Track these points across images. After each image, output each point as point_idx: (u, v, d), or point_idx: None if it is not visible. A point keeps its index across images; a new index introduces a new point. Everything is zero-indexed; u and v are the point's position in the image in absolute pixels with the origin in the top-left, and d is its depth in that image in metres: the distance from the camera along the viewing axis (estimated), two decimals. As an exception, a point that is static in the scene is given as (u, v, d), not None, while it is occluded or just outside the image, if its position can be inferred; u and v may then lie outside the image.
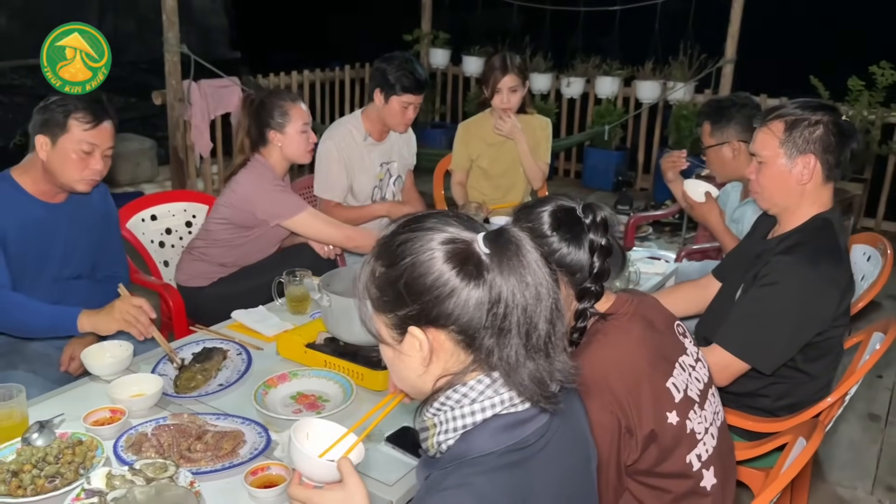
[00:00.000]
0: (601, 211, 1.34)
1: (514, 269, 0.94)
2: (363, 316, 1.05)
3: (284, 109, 2.62)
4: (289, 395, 1.83)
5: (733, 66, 5.65)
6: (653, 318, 1.42)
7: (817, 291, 1.81)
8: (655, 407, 1.32)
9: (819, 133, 1.84)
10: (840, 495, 2.60)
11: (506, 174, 3.45)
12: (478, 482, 0.94)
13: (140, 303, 1.96)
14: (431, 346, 0.99)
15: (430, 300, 0.96)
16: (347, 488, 1.09)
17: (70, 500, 1.40)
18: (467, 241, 0.96)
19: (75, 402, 1.76)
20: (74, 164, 2.10)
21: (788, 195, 1.90)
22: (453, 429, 0.99)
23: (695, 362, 1.47)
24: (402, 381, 1.07)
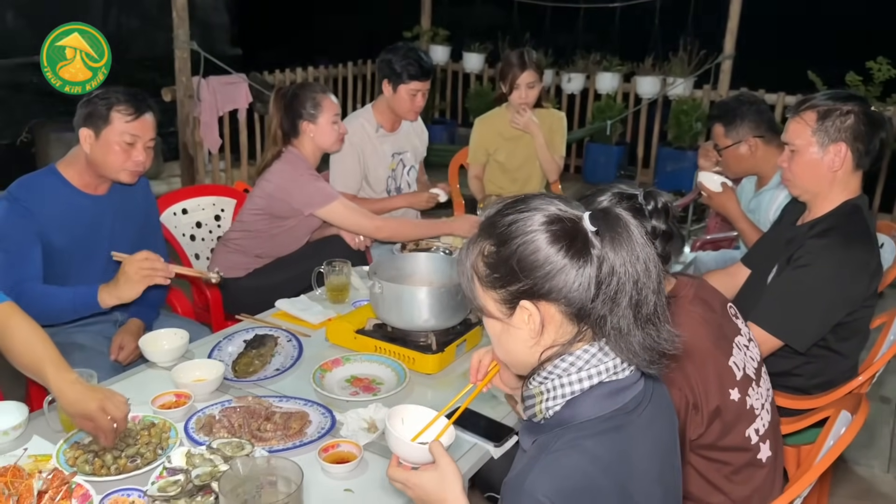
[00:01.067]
0: (661, 197, 1.41)
1: (624, 243, 1.00)
2: (468, 292, 1.11)
3: (317, 101, 2.68)
4: (344, 378, 1.89)
5: (732, 62, 5.76)
6: (710, 300, 1.50)
7: (850, 273, 1.90)
8: (720, 384, 1.40)
9: (850, 122, 1.93)
10: (859, 473, 2.70)
11: (522, 167, 3.52)
12: (587, 444, 1.00)
13: (146, 254, 1.97)
14: (543, 318, 1.05)
15: (542, 276, 1.02)
16: (440, 469, 1.16)
17: (154, 478, 1.45)
18: (574, 219, 1.02)
19: (136, 388, 1.81)
20: (118, 155, 2.14)
21: (820, 182, 1.99)
22: (561, 395, 1.06)
23: (748, 342, 1.54)
24: (508, 354, 1.12)
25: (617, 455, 1.01)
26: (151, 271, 1.94)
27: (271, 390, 1.83)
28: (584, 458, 0.99)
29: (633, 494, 1.01)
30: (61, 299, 2.05)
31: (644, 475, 1.04)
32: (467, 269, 1.09)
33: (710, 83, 5.91)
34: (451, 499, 1.14)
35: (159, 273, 1.95)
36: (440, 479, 1.15)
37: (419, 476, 1.17)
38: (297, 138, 2.72)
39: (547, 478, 0.97)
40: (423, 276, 2.14)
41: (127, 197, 2.32)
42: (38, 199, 2.11)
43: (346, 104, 6.42)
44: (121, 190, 2.29)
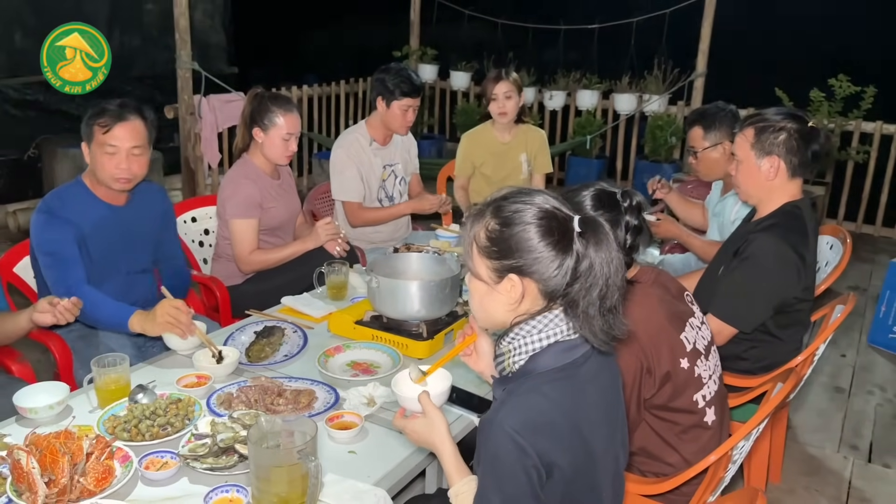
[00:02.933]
0: (636, 196, 1.67)
1: (604, 247, 1.24)
2: (466, 255, 1.34)
3: (275, 114, 2.86)
4: (345, 362, 2.13)
5: (704, 80, 6.08)
6: (668, 286, 1.77)
7: (784, 260, 2.17)
8: (671, 353, 1.66)
9: (782, 138, 2.21)
10: (811, 454, 2.96)
11: (506, 180, 3.78)
12: (545, 388, 1.26)
13: (178, 304, 2.10)
14: (524, 291, 1.29)
15: (531, 259, 1.26)
16: (428, 415, 1.44)
17: (184, 443, 1.68)
18: (567, 218, 1.26)
19: (161, 371, 2.05)
20: (103, 165, 2.30)
21: (759, 188, 2.27)
22: (525, 352, 1.31)
23: (700, 324, 1.81)
24: (485, 313, 1.36)
25: (569, 398, 1.26)
26: (175, 321, 2.07)
27: (281, 373, 2.07)
28: (544, 399, 1.24)
29: (581, 430, 1.26)
30: (104, 311, 2.21)
31: (592, 415, 1.29)
32: (469, 236, 1.32)
33: (683, 100, 6.22)
34: (437, 440, 1.41)
35: (181, 326, 2.07)
36: (428, 424, 1.43)
37: (413, 423, 1.45)
38: (252, 142, 2.95)
39: (514, 414, 1.22)
40: (415, 273, 2.39)
41: (146, 207, 2.51)
42: (72, 209, 2.32)
43: (339, 120, 6.69)
44: (140, 200, 2.49)
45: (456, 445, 1.43)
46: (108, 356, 1.88)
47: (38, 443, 1.56)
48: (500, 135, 3.73)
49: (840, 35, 7.84)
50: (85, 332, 2.39)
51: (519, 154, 3.74)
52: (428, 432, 1.43)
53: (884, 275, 4.84)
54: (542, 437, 1.22)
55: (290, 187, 3.12)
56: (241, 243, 2.86)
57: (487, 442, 1.24)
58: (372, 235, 3.47)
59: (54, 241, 2.27)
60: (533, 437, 1.21)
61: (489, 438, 1.23)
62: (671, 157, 6.24)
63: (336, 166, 3.37)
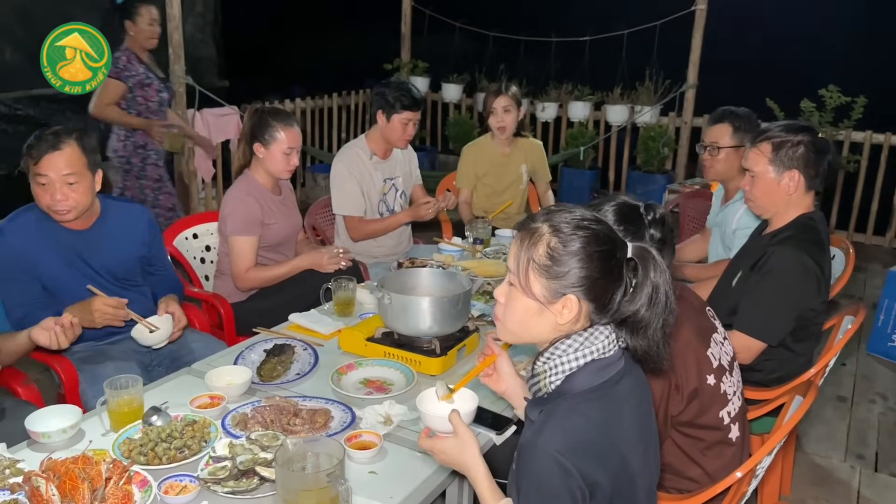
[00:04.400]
0: (659, 210, 1.67)
1: (662, 270, 1.26)
2: (516, 272, 1.30)
3: (275, 129, 2.86)
4: (358, 380, 2.11)
5: (695, 91, 6.13)
6: (692, 301, 1.76)
7: (805, 272, 2.19)
8: (698, 369, 1.65)
9: (801, 152, 2.23)
10: (818, 463, 2.97)
11: (507, 191, 3.79)
12: (584, 408, 1.25)
13: (113, 302, 2.19)
14: (579, 313, 1.28)
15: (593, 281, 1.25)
16: (459, 435, 1.41)
17: (202, 465, 1.65)
18: (626, 243, 1.27)
19: (174, 392, 2.01)
20: (38, 197, 2.23)
21: (777, 203, 2.28)
22: (562, 371, 1.30)
23: (723, 340, 1.80)
24: (525, 330, 1.34)
25: (608, 417, 1.25)
26: (112, 318, 2.20)
27: (294, 392, 2.04)
28: (584, 419, 1.23)
29: (620, 448, 1.25)
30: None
31: (629, 434, 1.28)
32: (524, 253, 1.29)
33: (675, 111, 6.27)
34: (469, 461, 1.38)
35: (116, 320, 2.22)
36: (460, 444, 1.39)
37: (442, 443, 1.42)
38: (253, 158, 2.94)
39: (556, 436, 1.22)
40: (425, 289, 2.37)
41: (120, 228, 2.44)
42: (22, 233, 2.25)
43: (332, 133, 6.68)
44: (112, 222, 2.42)
45: (486, 467, 1.41)
46: (120, 378, 1.84)
47: (56, 468, 1.53)
48: (501, 147, 3.75)
49: (830, 46, 7.96)
50: (90, 353, 2.35)
51: (519, 165, 3.76)
52: (459, 453, 1.40)
53: (877, 283, 4.91)
54: (585, 458, 1.21)
55: (291, 203, 3.11)
56: (239, 260, 2.84)
57: (530, 465, 1.23)
58: (374, 250, 3.45)
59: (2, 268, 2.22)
60: (577, 458, 1.20)
61: (532, 462, 1.22)
62: (663, 167, 6.28)
63: (336, 181, 3.36)
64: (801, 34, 8.05)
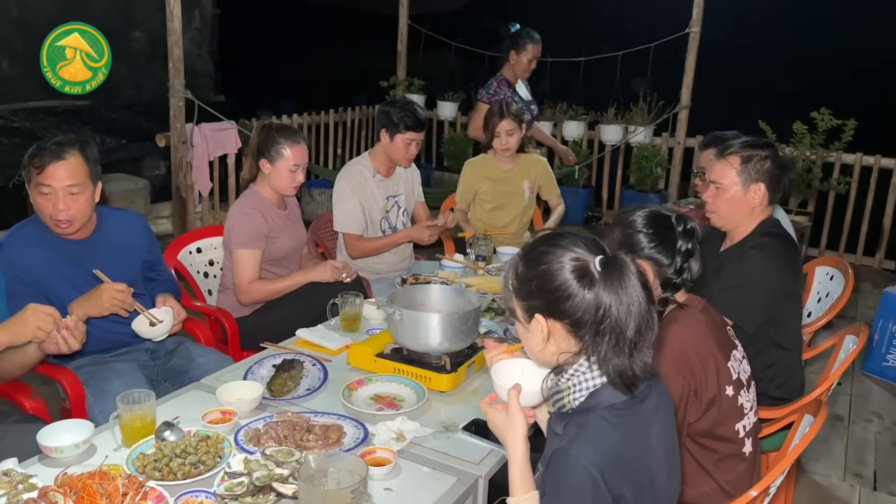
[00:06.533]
0: (692, 222, 1.69)
1: (615, 288, 1.27)
2: (506, 296, 1.40)
3: (281, 146, 2.88)
4: (368, 396, 2.11)
5: (688, 112, 6.21)
6: (714, 316, 1.79)
7: (783, 267, 2.27)
8: (719, 378, 1.68)
9: (767, 166, 2.32)
10: (818, 482, 2.99)
11: (507, 206, 3.82)
12: (615, 422, 1.27)
13: (121, 287, 2.20)
14: (549, 331, 1.33)
15: (553, 299, 1.30)
16: (510, 414, 1.45)
17: (218, 481, 1.64)
18: (587, 260, 1.29)
19: (185, 407, 2.01)
20: (40, 207, 2.23)
21: (740, 215, 2.37)
22: (585, 388, 1.33)
23: (741, 358, 1.83)
24: (528, 349, 1.42)
25: (637, 432, 1.28)
26: (120, 304, 2.20)
27: (305, 407, 2.04)
28: (616, 433, 1.26)
29: (648, 463, 1.27)
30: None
31: (656, 450, 1.30)
32: (507, 277, 1.38)
33: (668, 131, 6.34)
34: (510, 442, 1.42)
35: (124, 307, 2.22)
36: (506, 420, 1.44)
37: (495, 413, 1.47)
38: (259, 173, 2.95)
39: (590, 447, 1.24)
40: (434, 305, 2.38)
41: (119, 235, 2.44)
42: (20, 247, 2.25)
43: (328, 149, 6.70)
44: (109, 230, 2.42)
45: (528, 451, 1.43)
46: (133, 392, 1.83)
47: (72, 484, 1.52)
48: (503, 163, 3.78)
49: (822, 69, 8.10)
50: (95, 367, 2.34)
51: (521, 181, 3.79)
52: (504, 430, 1.45)
53: (868, 302, 4.98)
54: (614, 471, 1.24)
55: (296, 218, 3.12)
56: (242, 273, 2.84)
57: (561, 472, 1.25)
58: (376, 266, 3.46)
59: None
60: (608, 472, 1.23)
61: (563, 470, 1.24)
62: (656, 187, 6.35)
63: (338, 198, 3.37)
64: (793, 57, 8.20)
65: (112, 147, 6.04)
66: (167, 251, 2.94)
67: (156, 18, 5.65)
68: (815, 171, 5.60)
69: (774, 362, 2.36)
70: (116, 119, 6.01)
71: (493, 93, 4.51)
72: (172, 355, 2.51)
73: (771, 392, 2.35)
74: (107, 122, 5.98)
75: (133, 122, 6.12)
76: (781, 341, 2.35)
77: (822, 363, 2.47)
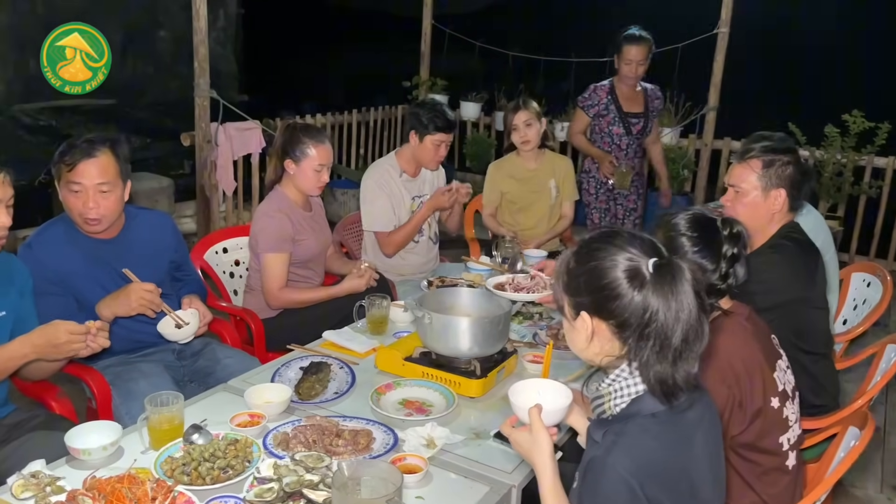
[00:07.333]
0: (738, 226, 1.63)
1: (665, 293, 1.22)
2: (555, 290, 1.37)
3: (306, 145, 2.85)
4: (397, 400, 2.07)
5: (716, 113, 6.11)
6: (759, 324, 1.73)
7: (808, 272, 2.22)
8: (764, 390, 1.62)
9: (790, 171, 2.24)
10: (855, 495, 2.91)
11: (534, 206, 3.77)
12: (655, 431, 1.23)
13: (150, 287, 2.20)
14: (594, 330, 1.30)
15: (601, 297, 1.27)
16: (533, 433, 1.43)
17: (247, 487, 1.61)
18: (640, 261, 1.25)
19: (213, 409, 1.98)
20: (70, 205, 2.22)
21: (759, 220, 2.29)
22: (627, 394, 1.29)
23: (786, 368, 1.77)
24: (571, 344, 1.39)
25: (679, 443, 1.23)
26: (148, 304, 2.19)
27: (333, 411, 2.00)
28: (656, 442, 1.21)
29: (691, 475, 1.23)
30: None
31: (699, 462, 1.25)
32: (558, 271, 1.35)
33: (695, 133, 6.24)
34: (537, 460, 1.40)
35: (152, 307, 2.21)
36: (531, 441, 1.42)
37: (519, 434, 1.45)
38: (283, 174, 2.92)
39: (627, 456, 1.20)
40: (464, 309, 2.34)
41: (146, 239, 2.43)
42: (48, 247, 2.25)
43: (350, 149, 6.68)
44: (137, 229, 2.41)
45: (556, 469, 1.40)
46: (161, 394, 1.81)
47: (101, 488, 1.50)
48: (527, 162, 3.74)
49: (855, 71, 7.95)
50: (121, 368, 2.32)
51: (548, 180, 3.74)
52: (528, 450, 1.43)
53: (901, 309, 4.85)
54: (653, 482, 1.19)
55: (321, 219, 3.09)
56: (272, 278, 2.81)
57: (598, 482, 1.21)
58: (401, 267, 3.42)
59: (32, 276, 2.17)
60: (645, 481, 1.19)
61: (599, 480, 1.21)
62: (683, 189, 6.25)
63: (366, 197, 3.34)
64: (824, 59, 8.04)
65: (136, 146, 6.07)
66: (193, 251, 2.93)
67: (181, 18, 5.67)
68: (847, 175, 5.49)
69: (805, 369, 2.29)
70: (141, 118, 6.03)
71: (588, 97, 4.28)
72: (199, 356, 2.49)
73: (806, 398, 2.28)
74: (132, 121, 6.01)
75: (157, 121, 6.14)
76: (808, 347, 2.27)
77: (859, 372, 2.39)
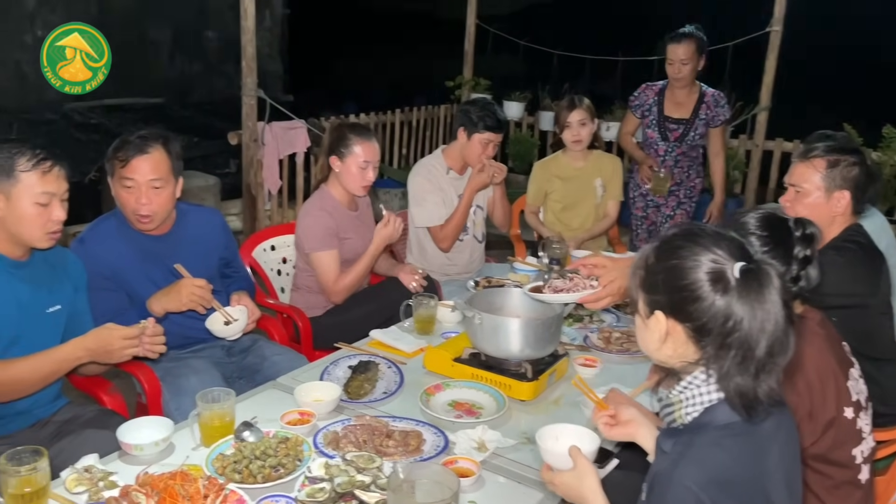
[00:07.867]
0: (811, 227, 1.56)
1: (751, 301, 1.15)
2: (631, 285, 1.30)
3: (351, 142, 2.84)
4: (446, 402, 2.03)
5: (768, 113, 5.95)
6: (831, 331, 1.65)
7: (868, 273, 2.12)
8: (837, 399, 1.54)
9: (855, 173, 2.14)
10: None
11: (578, 205, 3.71)
12: (726, 443, 1.16)
13: (201, 283, 2.20)
14: (668, 331, 1.23)
15: (679, 298, 1.20)
16: (578, 469, 1.37)
17: (299, 486, 1.59)
18: (726, 264, 1.18)
19: (263, 406, 1.97)
20: (122, 201, 2.21)
21: (819, 221, 2.15)
22: (699, 403, 1.22)
23: (858, 377, 1.68)
24: (642, 344, 1.33)
25: (752, 455, 1.16)
26: (199, 300, 2.19)
27: (381, 411, 1.98)
28: (727, 454, 1.15)
29: (766, 491, 1.16)
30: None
31: (774, 476, 1.18)
32: (636, 266, 1.28)
33: (746, 133, 6.09)
34: (587, 494, 1.34)
35: (203, 303, 2.21)
36: (578, 477, 1.36)
37: (561, 476, 1.39)
38: (330, 172, 2.92)
39: (695, 469, 1.14)
40: (514, 310, 2.29)
41: (196, 235, 2.43)
42: (101, 242, 2.26)
43: (393, 148, 6.68)
44: (188, 225, 2.42)
45: (608, 501, 1.34)
46: (213, 391, 1.81)
47: (154, 484, 1.49)
48: (573, 161, 3.69)
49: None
50: (172, 364, 2.33)
51: (593, 179, 3.68)
52: (577, 486, 1.37)
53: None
54: (725, 495, 1.13)
55: (367, 219, 3.06)
56: (326, 274, 2.80)
57: (665, 495, 1.15)
58: (447, 267, 3.39)
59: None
60: (716, 494, 1.13)
61: (667, 494, 1.15)
62: (733, 191, 6.10)
63: (417, 194, 3.31)
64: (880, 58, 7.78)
65: (184, 144, 6.15)
66: (242, 248, 2.94)
67: (228, 17, 5.74)
68: (904, 177, 5.29)
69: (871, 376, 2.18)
70: (188, 117, 6.12)
71: (636, 96, 4.18)
72: (247, 353, 2.49)
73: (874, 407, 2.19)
74: (179, 120, 6.10)
75: (204, 120, 6.22)
76: (873, 353, 2.17)
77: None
